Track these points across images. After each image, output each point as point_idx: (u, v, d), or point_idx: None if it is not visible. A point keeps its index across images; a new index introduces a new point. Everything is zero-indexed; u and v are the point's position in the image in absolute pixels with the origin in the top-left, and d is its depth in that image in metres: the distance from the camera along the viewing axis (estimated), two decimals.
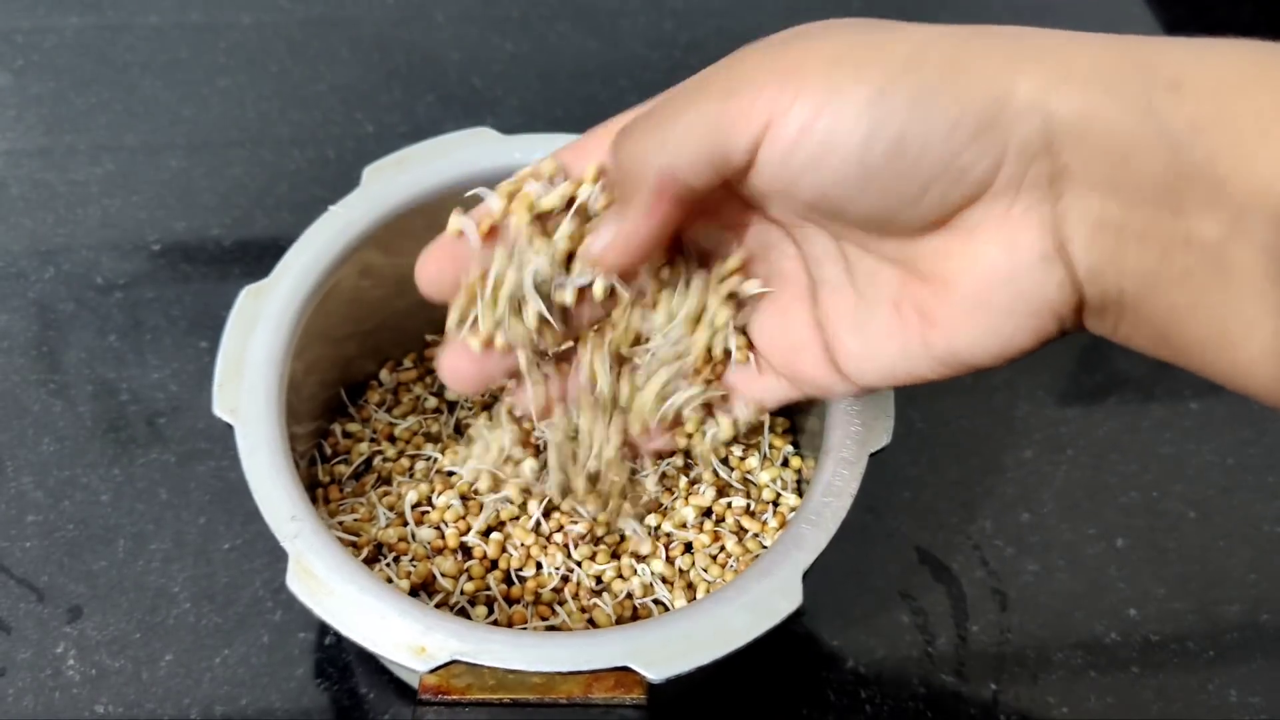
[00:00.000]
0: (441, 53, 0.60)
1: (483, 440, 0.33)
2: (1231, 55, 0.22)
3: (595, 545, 0.38)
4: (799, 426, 0.41)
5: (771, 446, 0.40)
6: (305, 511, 0.32)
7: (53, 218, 0.52)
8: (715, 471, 0.39)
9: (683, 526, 0.38)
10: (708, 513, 0.39)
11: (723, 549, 0.38)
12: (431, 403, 0.42)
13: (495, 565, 0.38)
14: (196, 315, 0.48)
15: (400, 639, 0.29)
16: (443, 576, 0.37)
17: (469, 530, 0.38)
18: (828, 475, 0.33)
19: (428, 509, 0.39)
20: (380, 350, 0.43)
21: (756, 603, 0.30)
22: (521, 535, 0.38)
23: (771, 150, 0.25)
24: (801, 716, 0.40)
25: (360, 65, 0.59)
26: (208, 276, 0.50)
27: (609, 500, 0.33)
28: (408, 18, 0.62)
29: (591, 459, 0.32)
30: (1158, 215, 0.22)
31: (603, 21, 0.62)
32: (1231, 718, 0.40)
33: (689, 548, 0.38)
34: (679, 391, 0.31)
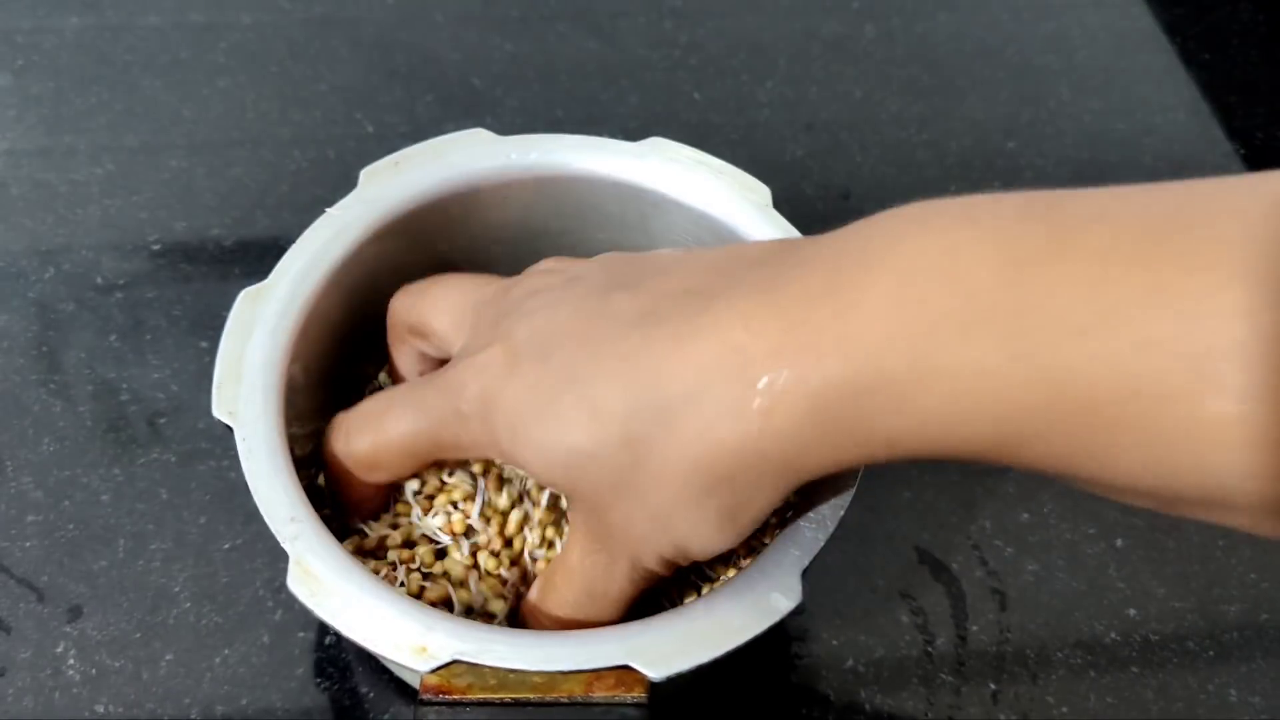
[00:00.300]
0: (441, 53, 0.60)
1: None
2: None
3: None
4: None
5: None
6: (305, 512, 0.32)
7: (53, 218, 0.52)
8: None
9: None
10: None
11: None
12: None
13: (510, 543, 0.38)
14: (197, 315, 0.48)
15: (401, 639, 0.29)
16: (456, 586, 0.37)
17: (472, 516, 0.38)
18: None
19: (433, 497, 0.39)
20: (379, 352, 0.43)
21: (756, 601, 0.30)
22: (540, 515, 0.38)
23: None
24: (801, 716, 0.40)
25: (360, 65, 0.59)
26: (208, 276, 0.50)
27: None
28: (408, 18, 0.62)
29: None
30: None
31: (603, 21, 0.62)
32: (1231, 718, 0.40)
33: None
34: None
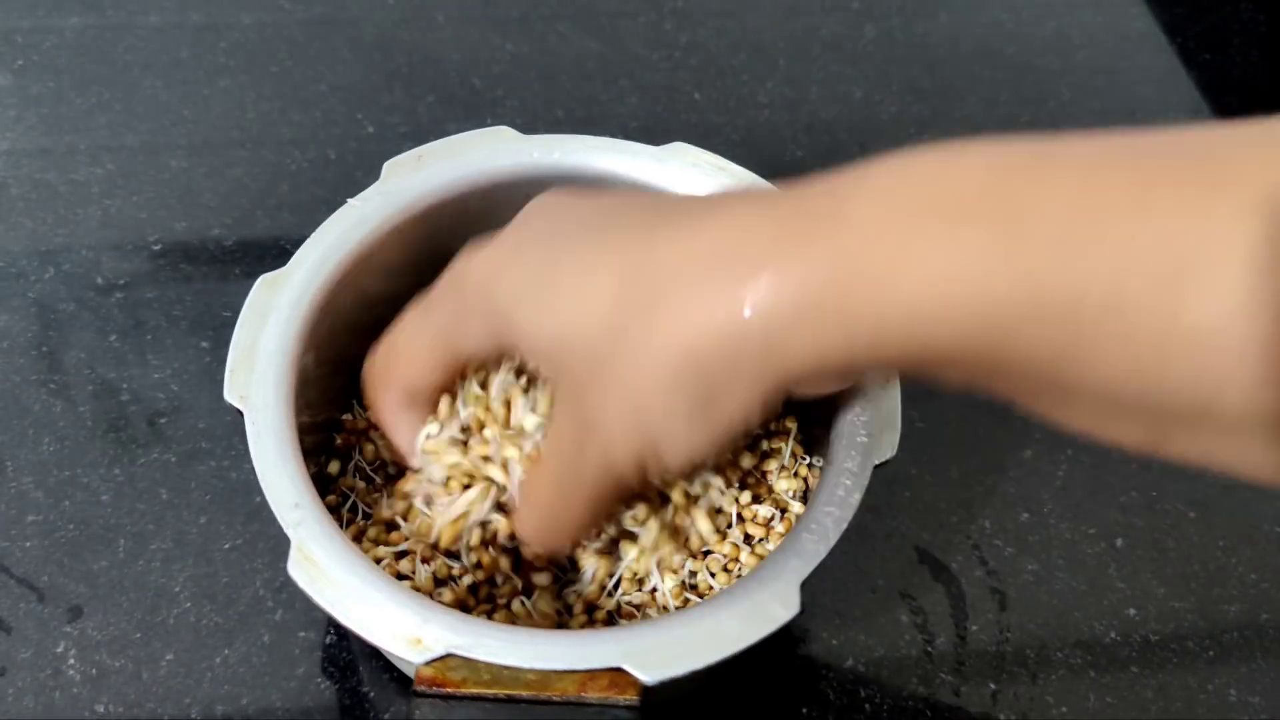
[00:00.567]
0: (442, 53, 0.60)
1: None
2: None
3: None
4: (809, 435, 0.41)
5: (793, 455, 0.40)
6: (310, 500, 0.32)
7: (53, 218, 0.52)
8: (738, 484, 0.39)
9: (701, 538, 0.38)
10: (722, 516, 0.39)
11: (736, 559, 0.38)
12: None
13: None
14: (197, 315, 0.48)
15: (396, 630, 0.30)
16: (457, 568, 0.37)
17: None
18: (831, 485, 0.33)
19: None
20: None
21: (754, 609, 0.30)
22: None
23: None
24: (801, 716, 0.40)
25: (361, 66, 0.59)
26: (208, 276, 0.50)
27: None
28: (408, 18, 0.62)
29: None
30: None
31: (603, 21, 0.62)
32: (1231, 718, 0.40)
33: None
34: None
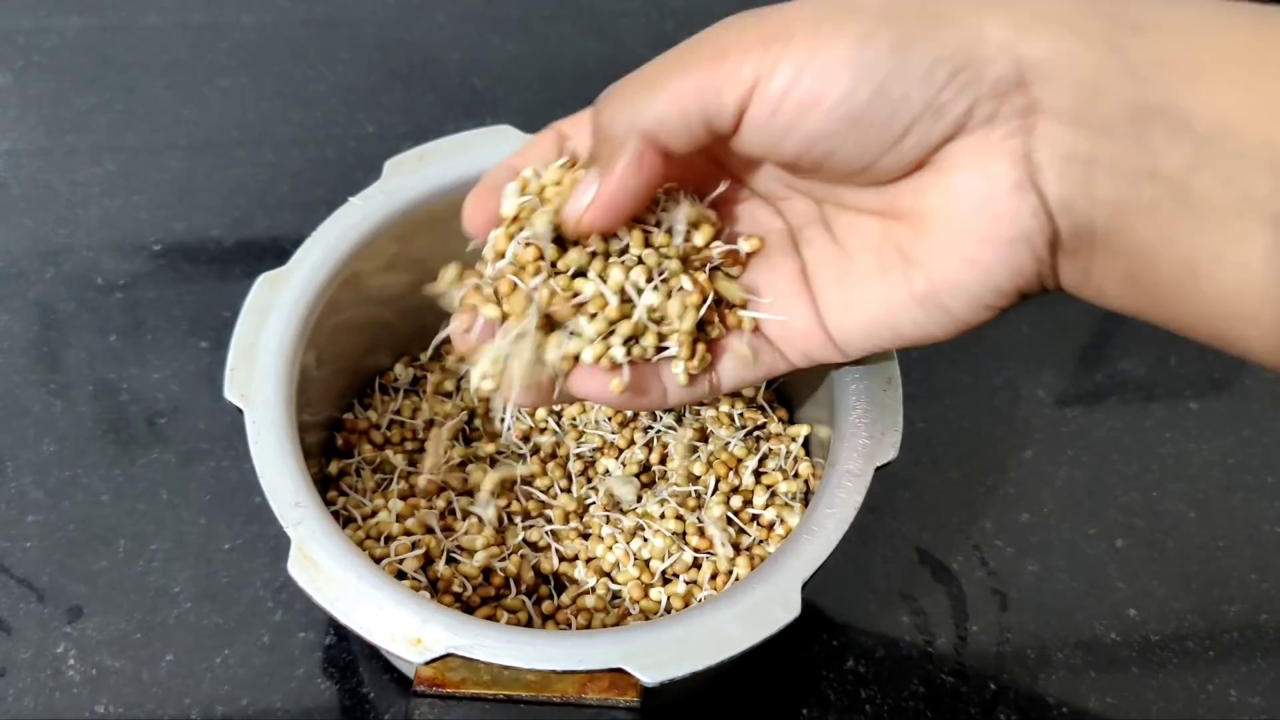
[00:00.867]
0: (442, 53, 0.60)
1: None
2: (1192, 6, 0.24)
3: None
4: (809, 436, 0.41)
5: (794, 457, 0.40)
6: (310, 499, 0.32)
7: (53, 218, 0.52)
8: (735, 483, 0.39)
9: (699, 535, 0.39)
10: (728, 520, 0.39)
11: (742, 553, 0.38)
12: (445, 402, 0.42)
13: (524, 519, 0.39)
14: (197, 315, 0.48)
15: (396, 630, 0.30)
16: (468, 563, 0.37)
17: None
18: (832, 487, 0.33)
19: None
20: (396, 344, 0.43)
21: (754, 611, 0.30)
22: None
23: (758, 110, 0.26)
24: (801, 716, 0.40)
25: (361, 66, 0.59)
26: (208, 276, 0.50)
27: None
28: (408, 18, 0.62)
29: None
30: (1124, 147, 0.24)
31: (603, 21, 0.62)
32: (1231, 718, 0.40)
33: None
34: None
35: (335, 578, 0.30)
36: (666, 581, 0.38)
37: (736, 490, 0.39)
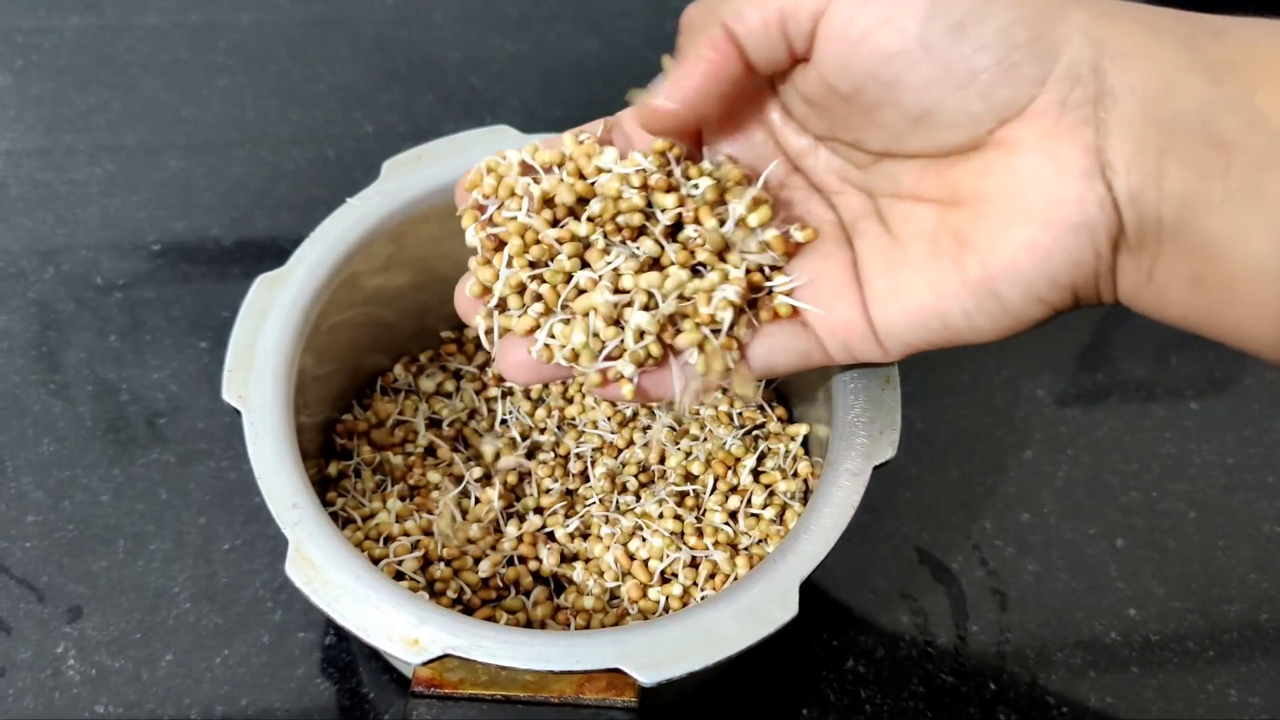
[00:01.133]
0: (441, 53, 0.60)
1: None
2: (1267, 21, 0.25)
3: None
4: (808, 435, 0.41)
5: (793, 456, 0.40)
6: (307, 500, 0.32)
7: (53, 218, 0.52)
8: (733, 483, 0.39)
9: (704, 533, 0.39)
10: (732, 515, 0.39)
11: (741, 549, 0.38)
12: (443, 403, 0.42)
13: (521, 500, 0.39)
14: (196, 315, 0.48)
15: (394, 630, 0.30)
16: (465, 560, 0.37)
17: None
18: (830, 486, 0.33)
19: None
20: (395, 346, 0.43)
21: (752, 610, 0.30)
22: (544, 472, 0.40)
23: (833, 19, 0.26)
24: (801, 716, 0.40)
25: (360, 65, 0.59)
26: (208, 276, 0.50)
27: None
28: (407, 18, 0.62)
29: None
30: (1198, 141, 0.24)
31: (603, 21, 0.62)
32: (1231, 718, 0.40)
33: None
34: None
35: (332, 579, 0.30)
36: (665, 581, 0.38)
37: (735, 490, 0.39)
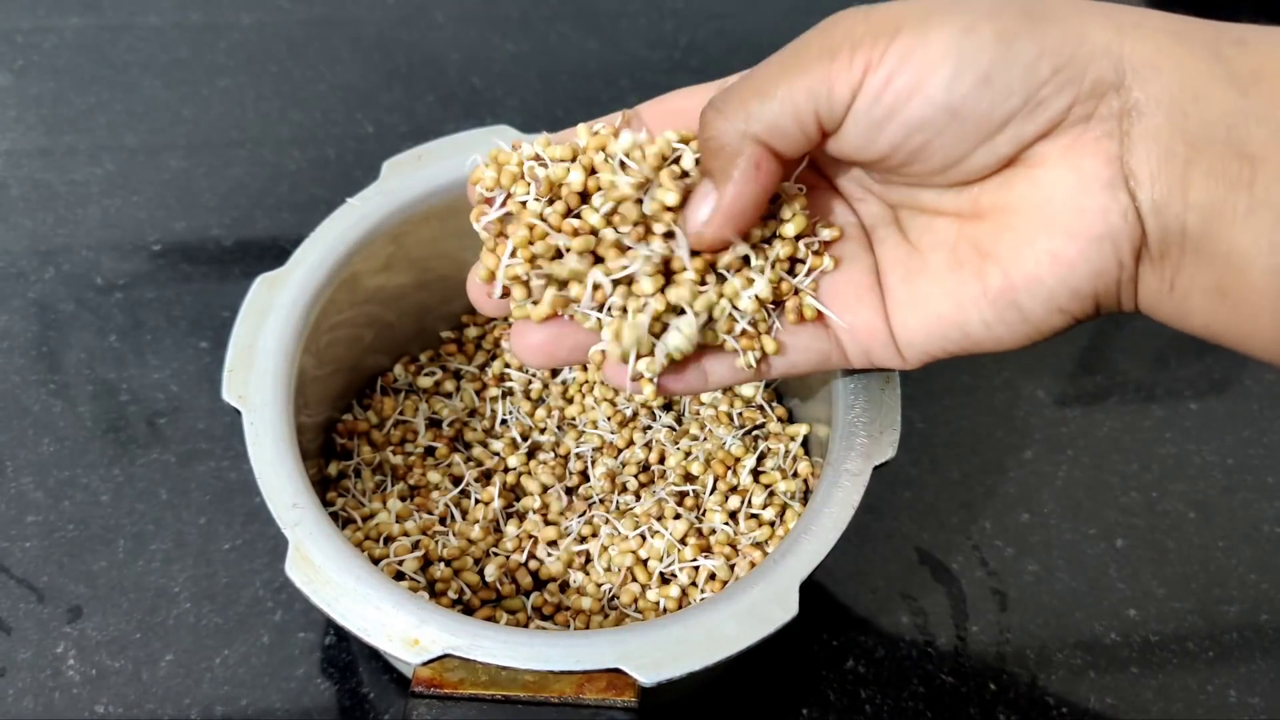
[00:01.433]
0: (441, 53, 0.60)
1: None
2: None
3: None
4: (809, 435, 0.41)
5: (793, 456, 0.40)
6: (307, 500, 0.32)
7: (53, 218, 0.52)
8: (734, 484, 0.39)
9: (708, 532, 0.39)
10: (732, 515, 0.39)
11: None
12: (443, 403, 0.42)
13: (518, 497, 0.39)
14: (197, 315, 0.48)
15: (394, 631, 0.30)
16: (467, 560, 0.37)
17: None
18: (830, 486, 0.33)
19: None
20: (396, 345, 0.43)
21: (752, 610, 0.30)
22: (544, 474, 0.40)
23: (863, 99, 0.26)
24: (801, 716, 0.40)
25: (360, 65, 0.59)
26: (208, 276, 0.50)
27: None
28: (408, 18, 0.62)
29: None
30: (1223, 152, 0.23)
31: (603, 21, 0.62)
32: (1231, 718, 0.40)
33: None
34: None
35: (332, 579, 0.30)
36: (665, 581, 0.38)
37: (735, 490, 0.39)
